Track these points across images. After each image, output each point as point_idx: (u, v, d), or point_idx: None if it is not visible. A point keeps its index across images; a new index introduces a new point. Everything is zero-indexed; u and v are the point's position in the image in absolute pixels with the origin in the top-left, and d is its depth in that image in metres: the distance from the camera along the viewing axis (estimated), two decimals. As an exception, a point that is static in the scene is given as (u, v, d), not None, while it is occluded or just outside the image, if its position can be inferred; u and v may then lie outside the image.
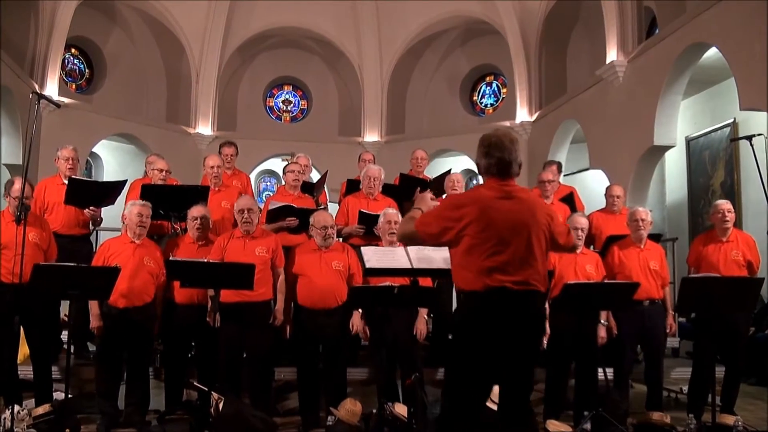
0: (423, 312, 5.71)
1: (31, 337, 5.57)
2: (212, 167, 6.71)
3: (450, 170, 7.57)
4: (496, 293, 3.23)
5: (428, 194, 3.78)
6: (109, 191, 6.20)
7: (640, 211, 5.95)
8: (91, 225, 6.41)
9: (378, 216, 6.03)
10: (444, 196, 6.82)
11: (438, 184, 7.17)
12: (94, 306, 5.47)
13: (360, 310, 5.66)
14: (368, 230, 6.35)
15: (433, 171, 8.21)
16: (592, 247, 6.63)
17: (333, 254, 5.71)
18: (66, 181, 6.07)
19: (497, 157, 3.37)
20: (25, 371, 5.61)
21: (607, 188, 7.17)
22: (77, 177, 6.32)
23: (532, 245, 3.32)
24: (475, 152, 3.49)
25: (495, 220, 3.27)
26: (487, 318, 3.25)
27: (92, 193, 6.22)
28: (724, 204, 6.03)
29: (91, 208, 6.19)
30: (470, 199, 3.38)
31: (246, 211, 5.59)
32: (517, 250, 3.28)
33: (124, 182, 6.36)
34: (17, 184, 5.47)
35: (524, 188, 3.54)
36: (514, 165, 3.41)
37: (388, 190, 7.09)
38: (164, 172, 6.59)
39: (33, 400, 5.42)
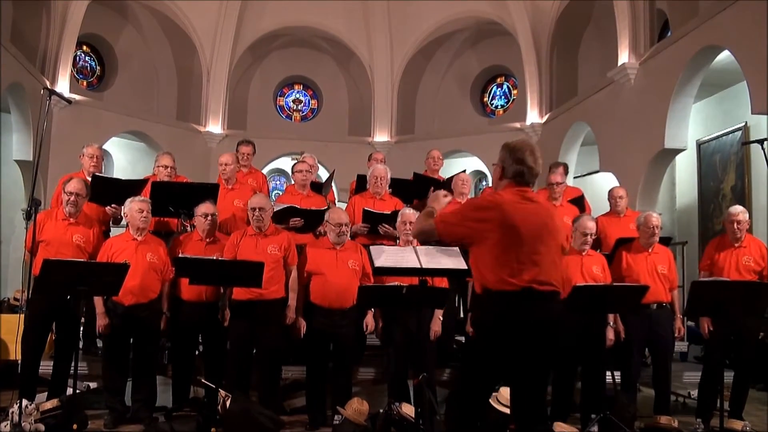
0: (438, 313, 5.69)
1: (61, 332, 5.58)
2: (224, 164, 6.72)
3: (465, 171, 7.58)
4: (524, 294, 3.28)
5: (441, 193, 3.80)
6: (132, 189, 6.15)
7: (654, 219, 5.89)
8: (111, 223, 6.43)
9: (383, 215, 6.12)
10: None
11: (450, 185, 7.16)
12: (98, 303, 5.48)
13: (373, 310, 5.67)
14: (373, 229, 6.37)
15: (443, 172, 8.22)
16: (599, 250, 6.61)
17: (348, 253, 5.73)
18: (89, 178, 6.09)
19: (530, 167, 3.44)
20: (44, 366, 5.66)
21: (610, 191, 7.11)
22: (101, 174, 6.33)
23: (552, 247, 3.41)
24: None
25: (520, 223, 3.32)
26: (516, 318, 3.29)
27: (115, 191, 6.19)
28: (740, 210, 5.99)
29: (112, 205, 6.20)
30: (493, 202, 3.41)
31: (258, 210, 5.60)
32: (541, 251, 3.34)
33: (147, 180, 6.33)
34: (74, 183, 5.53)
35: (537, 194, 3.60)
36: (537, 177, 3.51)
37: (400, 185, 7.11)
38: (169, 169, 6.61)
39: (44, 394, 5.46)
